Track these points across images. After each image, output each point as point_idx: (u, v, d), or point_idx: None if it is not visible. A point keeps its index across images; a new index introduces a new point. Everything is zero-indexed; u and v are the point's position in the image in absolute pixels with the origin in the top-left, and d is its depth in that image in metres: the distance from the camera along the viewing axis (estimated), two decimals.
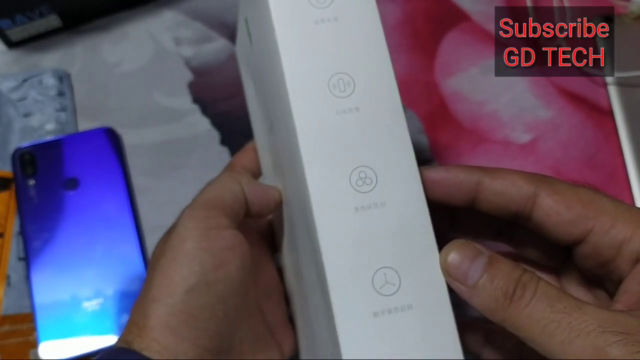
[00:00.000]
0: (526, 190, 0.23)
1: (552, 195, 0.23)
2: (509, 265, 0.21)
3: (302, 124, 0.22)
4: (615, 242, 0.22)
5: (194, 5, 0.45)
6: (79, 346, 0.34)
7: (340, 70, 0.23)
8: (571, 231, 0.22)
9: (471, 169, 0.24)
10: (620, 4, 0.47)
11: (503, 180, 0.23)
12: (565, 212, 0.22)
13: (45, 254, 0.36)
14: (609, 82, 0.43)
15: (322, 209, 0.21)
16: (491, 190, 0.24)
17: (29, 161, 0.39)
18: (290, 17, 0.23)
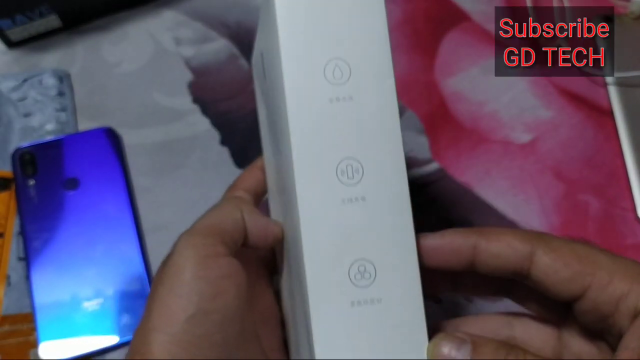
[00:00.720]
0: (522, 251, 0.23)
1: (548, 254, 0.23)
2: (493, 346, 0.22)
3: (306, 213, 0.22)
4: (613, 298, 0.22)
5: (194, 5, 0.45)
6: (79, 346, 0.34)
7: (350, 156, 0.22)
8: (569, 288, 0.23)
9: (466, 232, 0.25)
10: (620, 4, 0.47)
11: (498, 242, 0.24)
12: (563, 269, 0.23)
13: (45, 254, 0.36)
14: (609, 82, 0.43)
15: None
16: (488, 253, 0.24)
17: (29, 161, 0.39)
18: (304, 92, 0.22)
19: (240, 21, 0.45)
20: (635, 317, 0.22)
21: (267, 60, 0.26)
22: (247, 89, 0.43)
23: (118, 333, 0.35)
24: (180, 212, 0.39)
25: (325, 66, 0.22)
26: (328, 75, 0.22)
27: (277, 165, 0.27)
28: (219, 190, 0.39)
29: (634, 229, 0.39)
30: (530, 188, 0.40)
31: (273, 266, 0.31)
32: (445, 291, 0.27)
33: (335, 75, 0.22)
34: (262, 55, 0.28)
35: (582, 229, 0.39)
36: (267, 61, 0.26)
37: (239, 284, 0.24)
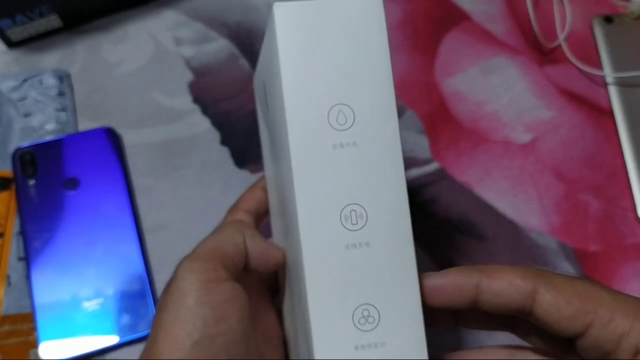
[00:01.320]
0: (524, 289, 0.24)
1: (550, 292, 0.23)
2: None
3: (310, 258, 0.22)
4: (614, 336, 0.23)
5: (194, 5, 0.45)
6: (79, 346, 0.34)
7: (354, 202, 0.22)
8: (572, 326, 0.23)
9: (468, 271, 0.25)
10: (620, 4, 0.47)
11: (500, 280, 0.24)
12: (565, 307, 0.23)
13: (45, 253, 0.36)
14: (609, 82, 0.43)
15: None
16: (490, 292, 0.24)
17: (29, 161, 0.39)
18: (308, 138, 0.22)
19: (240, 21, 0.45)
20: (636, 354, 0.22)
21: (269, 94, 0.26)
22: (247, 89, 0.43)
23: (118, 333, 0.35)
24: (180, 212, 0.39)
25: (329, 111, 0.22)
26: (332, 121, 0.22)
27: (279, 188, 0.27)
28: (219, 190, 0.40)
29: (634, 229, 0.39)
30: (530, 188, 0.40)
31: (275, 286, 0.31)
32: (447, 327, 0.27)
33: (339, 120, 0.22)
34: (264, 84, 0.28)
35: (582, 229, 0.39)
36: (270, 95, 0.26)
37: (241, 308, 0.24)
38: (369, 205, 0.22)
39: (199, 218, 0.39)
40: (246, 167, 0.40)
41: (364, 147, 0.22)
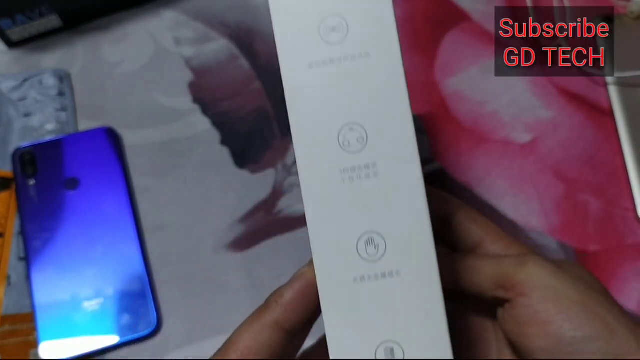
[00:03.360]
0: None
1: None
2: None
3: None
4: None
5: (194, 5, 0.45)
6: (79, 346, 0.34)
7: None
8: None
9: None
10: (620, 4, 0.47)
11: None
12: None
13: (45, 253, 0.36)
14: (609, 82, 0.43)
15: None
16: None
17: (29, 161, 0.39)
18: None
19: (240, 21, 0.45)
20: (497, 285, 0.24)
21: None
22: (247, 89, 0.43)
23: (118, 333, 0.35)
24: (180, 212, 0.39)
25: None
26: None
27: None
28: (219, 190, 0.40)
29: (634, 229, 0.39)
30: (530, 188, 0.40)
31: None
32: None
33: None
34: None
35: (582, 229, 0.39)
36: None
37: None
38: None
39: (199, 218, 0.39)
40: (246, 167, 0.40)
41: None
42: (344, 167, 0.21)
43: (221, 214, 0.39)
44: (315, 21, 0.21)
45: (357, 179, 0.21)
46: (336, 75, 0.21)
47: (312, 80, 0.21)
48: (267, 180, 0.40)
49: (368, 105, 0.21)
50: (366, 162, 0.21)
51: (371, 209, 0.21)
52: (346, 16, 0.21)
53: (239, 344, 0.23)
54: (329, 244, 0.21)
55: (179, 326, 0.36)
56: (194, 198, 0.39)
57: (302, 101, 0.21)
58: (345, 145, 0.21)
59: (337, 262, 0.21)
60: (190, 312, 0.36)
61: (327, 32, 0.21)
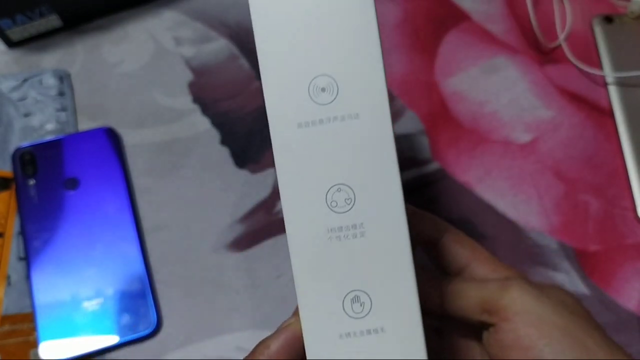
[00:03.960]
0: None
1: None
2: None
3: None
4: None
5: (194, 5, 0.45)
6: (79, 346, 0.34)
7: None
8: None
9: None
10: (620, 4, 0.47)
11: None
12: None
13: (45, 253, 0.36)
14: (609, 82, 0.43)
15: None
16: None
17: (29, 161, 0.39)
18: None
19: (240, 21, 0.45)
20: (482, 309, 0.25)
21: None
22: (247, 89, 0.43)
23: (118, 333, 0.35)
24: (180, 212, 0.39)
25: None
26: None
27: None
28: (219, 190, 0.40)
29: (634, 229, 0.39)
30: (530, 188, 0.40)
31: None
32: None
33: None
34: None
35: (582, 229, 0.39)
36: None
37: None
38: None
39: (199, 218, 0.39)
40: (246, 167, 0.40)
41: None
42: (331, 227, 0.21)
43: (221, 214, 0.39)
44: (305, 81, 0.21)
45: (344, 239, 0.21)
46: (325, 136, 0.21)
47: (301, 140, 0.21)
48: (267, 180, 0.40)
49: (356, 167, 0.21)
50: (353, 222, 0.21)
51: (358, 268, 0.21)
52: (336, 77, 0.21)
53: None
54: (316, 301, 0.21)
55: (179, 326, 0.36)
56: (194, 198, 0.39)
57: (290, 160, 0.21)
58: (333, 205, 0.21)
59: (323, 318, 0.21)
60: (190, 312, 0.36)
61: (316, 93, 0.21)
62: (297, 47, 0.21)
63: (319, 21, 0.21)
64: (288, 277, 0.37)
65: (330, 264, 0.21)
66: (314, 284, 0.21)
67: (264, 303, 0.37)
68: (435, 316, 0.27)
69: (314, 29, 0.21)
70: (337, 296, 0.21)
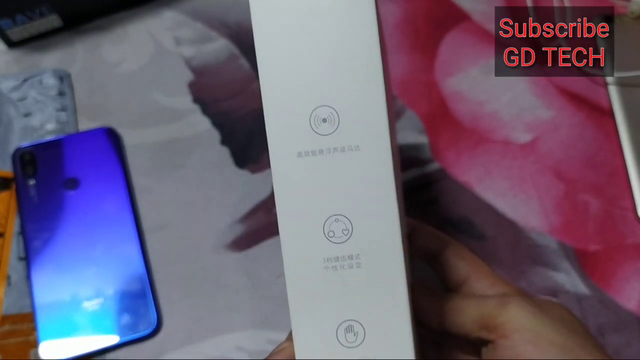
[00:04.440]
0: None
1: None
2: None
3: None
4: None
5: (194, 5, 0.45)
6: (79, 346, 0.34)
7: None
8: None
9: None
10: (620, 4, 0.47)
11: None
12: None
13: (45, 253, 0.36)
14: (609, 82, 0.43)
15: None
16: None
17: (29, 161, 0.39)
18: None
19: (240, 21, 0.45)
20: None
21: None
22: (247, 89, 0.43)
23: (118, 333, 0.35)
24: (180, 212, 0.39)
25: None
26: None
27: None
28: (219, 190, 0.40)
29: (634, 229, 0.39)
30: (530, 188, 0.40)
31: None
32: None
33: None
34: None
35: (582, 229, 0.39)
36: None
37: None
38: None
39: (199, 218, 0.39)
40: (246, 167, 0.40)
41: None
42: (328, 257, 0.21)
43: (221, 214, 0.39)
44: (306, 111, 0.21)
45: (340, 269, 0.21)
46: (325, 166, 0.21)
47: (300, 169, 0.21)
48: (267, 180, 0.40)
49: (355, 198, 0.21)
50: (350, 253, 0.21)
51: (352, 299, 0.21)
52: (338, 108, 0.21)
53: None
54: (310, 328, 0.21)
55: (179, 326, 0.36)
56: (194, 198, 0.39)
57: (289, 189, 0.21)
58: (330, 235, 0.21)
59: (316, 346, 0.21)
60: (190, 312, 0.36)
61: (317, 123, 0.21)
62: (300, 76, 0.21)
63: (323, 52, 0.21)
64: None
65: (325, 293, 0.21)
66: (309, 312, 0.21)
67: (264, 303, 0.37)
68: (434, 332, 0.27)
69: (318, 60, 0.21)
70: (331, 325, 0.21)
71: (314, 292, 0.21)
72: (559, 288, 0.37)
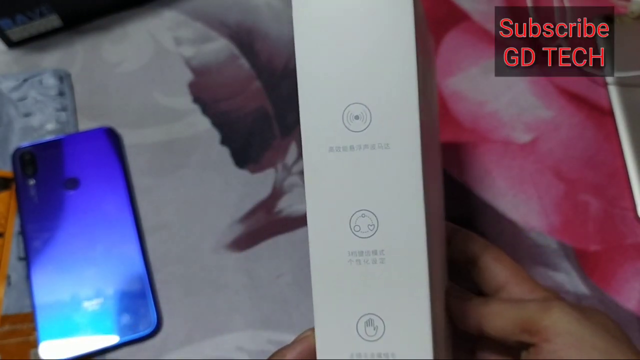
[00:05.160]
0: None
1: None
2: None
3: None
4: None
5: (194, 5, 0.45)
6: (79, 346, 0.34)
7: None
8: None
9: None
10: (620, 4, 0.47)
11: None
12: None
13: (45, 253, 0.36)
14: (609, 82, 0.43)
15: None
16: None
17: (29, 161, 0.39)
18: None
19: (240, 21, 0.45)
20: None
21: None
22: (247, 89, 0.43)
23: (118, 333, 0.35)
24: (180, 212, 0.39)
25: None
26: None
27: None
28: (219, 190, 0.40)
29: (634, 229, 0.39)
30: (530, 188, 0.40)
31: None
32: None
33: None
34: None
35: (582, 229, 0.39)
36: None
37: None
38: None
39: (199, 218, 0.39)
40: (246, 167, 0.40)
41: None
42: (352, 250, 0.21)
43: (221, 214, 0.39)
44: (340, 107, 0.21)
45: (364, 263, 0.22)
46: (355, 162, 0.21)
47: (331, 163, 0.22)
48: (267, 180, 0.40)
49: (382, 195, 0.21)
50: (374, 248, 0.21)
51: (374, 293, 0.21)
52: (370, 106, 0.21)
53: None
54: (331, 319, 0.22)
55: (179, 326, 0.36)
56: (194, 198, 0.39)
57: (319, 182, 0.22)
58: (356, 230, 0.22)
59: (337, 338, 0.22)
60: (190, 312, 0.36)
61: (350, 120, 0.21)
62: (336, 73, 0.21)
63: (359, 49, 0.21)
64: (288, 277, 0.37)
65: (348, 286, 0.22)
66: (331, 303, 0.22)
67: (264, 303, 0.37)
68: (471, 338, 0.27)
69: (354, 57, 0.21)
70: (352, 317, 0.22)
71: (337, 284, 0.22)
72: (559, 288, 0.37)
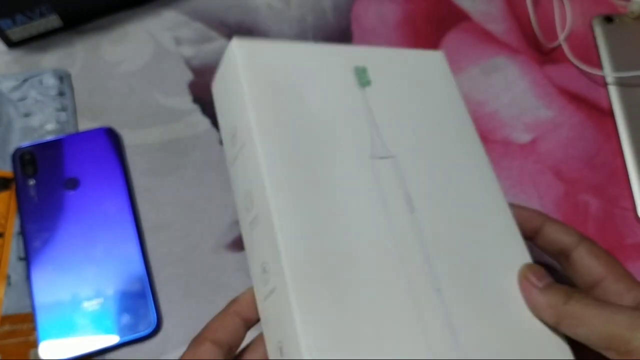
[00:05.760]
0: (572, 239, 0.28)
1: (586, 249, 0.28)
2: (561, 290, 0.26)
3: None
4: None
5: (194, 5, 0.45)
6: (79, 346, 0.34)
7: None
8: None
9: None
10: (620, 4, 0.47)
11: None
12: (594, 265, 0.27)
13: (45, 253, 0.36)
14: (609, 82, 0.43)
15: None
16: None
17: (29, 161, 0.39)
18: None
19: (240, 21, 0.45)
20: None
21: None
22: None
23: (118, 333, 0.35)
24: (180, 212, 0.39)
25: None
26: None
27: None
28: (219, 190, 0.40)
29: (634, 229, 0.39)
30: (530, 188, 0.40)
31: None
32: None
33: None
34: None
35: (582, 229, 0.39)
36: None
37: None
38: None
39: (199, 218, 0.39)
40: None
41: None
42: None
43: (221, 214, 0.39)
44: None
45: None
46: None
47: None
48: None
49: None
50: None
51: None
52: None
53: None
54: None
55: (179, 326, 0.36)
56: (194, 198, 0.39)
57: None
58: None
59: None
60: (190, 312, 0.36)
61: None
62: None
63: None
64: None
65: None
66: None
67: None
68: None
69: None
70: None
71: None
72: None
